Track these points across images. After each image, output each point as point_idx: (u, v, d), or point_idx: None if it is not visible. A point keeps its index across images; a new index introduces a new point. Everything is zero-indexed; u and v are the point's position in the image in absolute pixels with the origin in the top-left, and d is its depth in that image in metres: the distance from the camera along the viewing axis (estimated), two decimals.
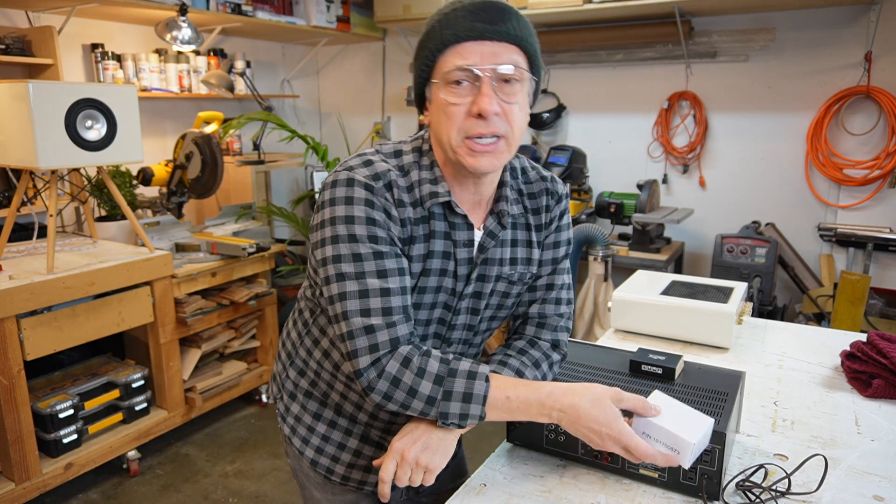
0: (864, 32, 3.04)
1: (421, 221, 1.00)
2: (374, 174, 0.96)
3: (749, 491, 0.95)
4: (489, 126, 0.92)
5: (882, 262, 3.15)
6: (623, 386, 1.08)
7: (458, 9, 0.93)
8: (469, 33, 0.91)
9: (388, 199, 0.97)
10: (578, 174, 3.60)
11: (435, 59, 0.94)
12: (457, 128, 0.94)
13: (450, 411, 0.93)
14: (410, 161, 1.02)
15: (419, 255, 1.01)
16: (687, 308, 1.55)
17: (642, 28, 3.44)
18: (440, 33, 0.93)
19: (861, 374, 1.32)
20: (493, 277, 1.07)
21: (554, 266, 1.15)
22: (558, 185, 1.14)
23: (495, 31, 0.91)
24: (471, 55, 0.91)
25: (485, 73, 0.91)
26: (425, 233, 1.01)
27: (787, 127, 3.30)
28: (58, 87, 2.25)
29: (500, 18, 0.92)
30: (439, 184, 1.00)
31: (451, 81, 0.93)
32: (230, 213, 3.50)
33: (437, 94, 0.95)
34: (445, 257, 1.03)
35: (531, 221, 1.11)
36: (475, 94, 0.92)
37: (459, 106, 0.93)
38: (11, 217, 2.43)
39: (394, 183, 0.98)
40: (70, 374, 2.70)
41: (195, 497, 2.57)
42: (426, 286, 1.02)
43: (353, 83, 4.68)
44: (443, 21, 0.93)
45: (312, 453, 1.17)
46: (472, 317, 1.09)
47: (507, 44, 0.92)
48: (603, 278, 3.21)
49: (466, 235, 1.03)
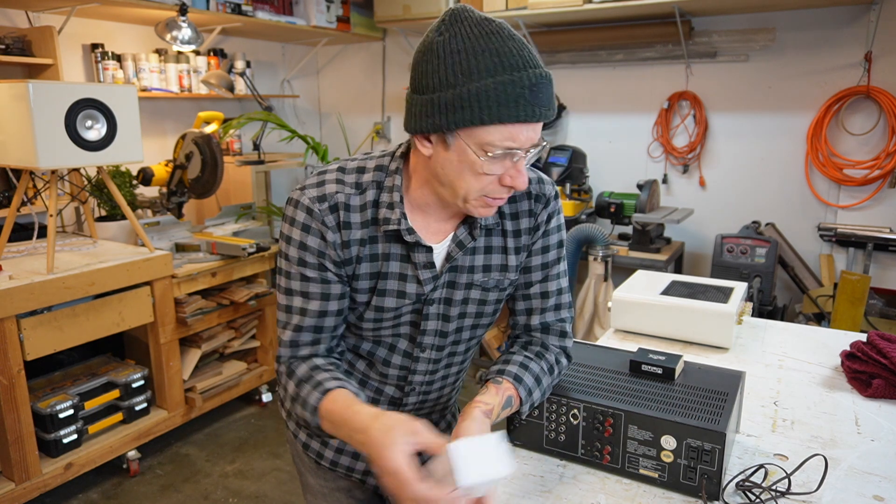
0: (864, 32, 3.04)
1: (370, 242, 1.00)
2: (322, 195, 0.99)
3: (749, 491, 0.95)
4: (511, 192, 0.96)
5: (882, 262, 3.15)
6: (623, 386, 1.09)
7: (516, 81, 0.85)
8: (528, 117, 0.87)
9: (328, 223, 0.98)
10: (578, 174, 3.60)
11: (478, 125, 0.88)
12: (481, 188, 0.93)
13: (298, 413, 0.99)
14: (370, 180, 1.01)
15: (367, 273, 1.01)
16: (687, 308, 1.55)
17: (642, 28, 3.44)
18: (494, 107, 0.86)
19: (861, 374, 1.32)
20: (462, 285, 1.06)
21: (546, 271, 1.12)
22: (545, 185, 1.10)
23: (545, 116, 0.89)
24: (520, 137, 0.89)
25: (525, 152, 0.91)
26: (374, 252, 1.01)
27: (787, 127, 3.30)
28: (58, 87, 2.25)
29: (550, 98, 0.89)
30: (394, 209, 0.99)
31: (489, 151, 0.89)
32: (230, 213, 3.50)
33: (463, 151, 0.90)
34: (402, 279, 1.02)
35: (508, 227, 1.08)
36: (509, 166, 0.92)
37: (493, 176, 0.92)
38: (11, 217, 2.43)
39: (340, 205, 0.99)
40: (70, 374, 2.70)
41: (195, 497, 2.57)
42: (383, 306, 1.03)
43: (353, 83, 4.68)
44: (499, 91, 0.85)
45: (304, 436, 1.20)
46: (443, 323, 1.08)
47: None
48: (603, 278, 3.21)
49: (425, 258, 1.02)
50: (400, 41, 4.36)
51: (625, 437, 1.00)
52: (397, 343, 1.09)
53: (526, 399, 1.03)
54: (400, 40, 4.35)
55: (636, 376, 1.13)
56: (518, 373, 1.04)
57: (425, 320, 1.06)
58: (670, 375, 1.11)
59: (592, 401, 1.03)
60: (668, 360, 1.13)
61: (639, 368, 1.13)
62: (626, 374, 1.14)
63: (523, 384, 1.03)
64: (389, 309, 1.04)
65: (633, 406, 1.01)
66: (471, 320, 1.10)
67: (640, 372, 1.13)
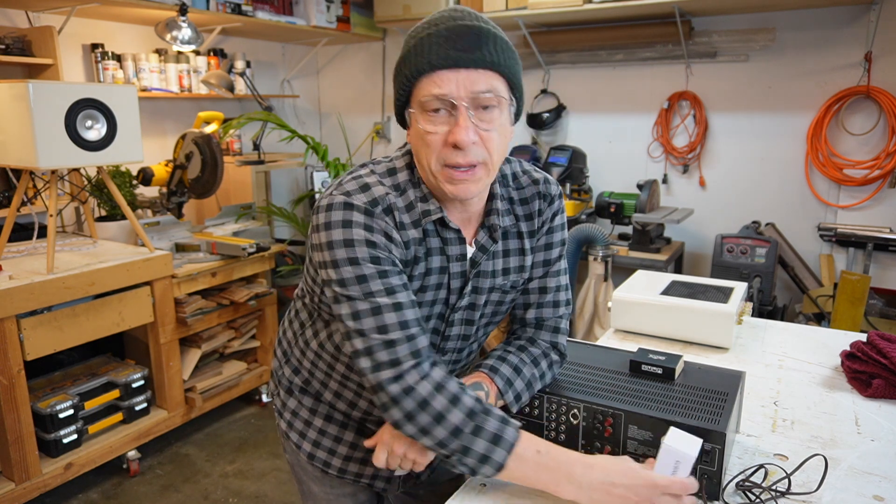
0: (864, 32, 3.04)
1: (421, 241, 1.00)
2: (373, 199, 0.94)
3: (749, 491, 0.95)
4: (466, 156, 0.91)
5: (882, 262, 3.15)
6: (623, 386, 1.08)
7: (432, 34, 0.90)
8: (444, 62, 0.88)
9: (389, 223, 0.95)
10: (578, 174, 3.60)
11: (411, 86, 0.92)
12: (435, 156, 0.92)
13: (473, 447, 0.89)
14: (405, 179, 1.00)
15: (418, 273, 1.00)
16: (687, 308, 1.55)
17: (642, 28, 3.44)
18: (416, 60, 0.90)
19: (861, 374, 1.32)
20: (486, 290, 1.07)
21: (546, 268, 1.13)
22: (551, 185, 1.11)
23: (470, 60, 0.88)
24: (446, 84, 0.88)
25: (461, 102, 0.89)
26: (425, 251, 1.01)
27: (787, 127, 3.30)
28: (58, 87, 2.25)
29: (478, 45, 0.88)
30: (429, 201, 0.99)
31: (428, 110, 0.90)
32: (230, 213, 3.50)
33: (415, 121, 0.93)
34: (441, 273, 1.02)
35: (523, 229, 1.09)
36: (452, 123, 0.90)
37: (437, 135, 0.91)
38: (11, 217, 2.43)
39: (393, 206, 0.96)
40: (70, 374, 2.70)
41: (195, 497, 2.57)
42: (423, 301, 1.03)
43: (353, 83, 4.68)
44: (418, 46, 0.90)
45: (310, 447, 1.19)
46: (466, 327, 1.09)
47: (484, 70, 0.89)
48: (603, 278, 3.21)
49: (459, 250, 1.02)
50: (400, 41, 4.36)
51: (625, 437, 1.00)
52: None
53: (505, 389, 1.03)
54: (400, 40, 4.35)
55: (636, 376, 1.12)
56: (494, 364, 1.05)
57: (450, 327, 1.07)
58: (670, 375, 1.11)
59: (592, 401, 1.03)
60: (668, 360, 1.13)
61: (639, 368, 1.13)
62: (626, 374, 1.14)
63: (500, 374, 1.04)
64: (427, 304, 1.03)
65: (633, 406, 1.01)
66: (486, 319, 1.13)
67: (640, 372, 1.13)
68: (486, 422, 0.90)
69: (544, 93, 3.91)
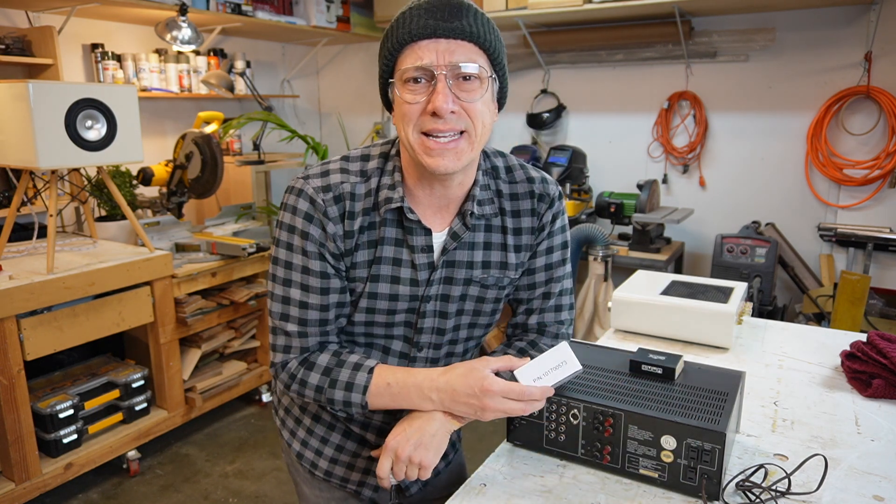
0: (864, 32, 3.04)
1: (368, 228, 1.00)
2: (326, 185, 0.98)
3: (749, 491, 0.95)
4: (447, 123, 0.91)
5: (882, 262, 3.15)
6: (623, 386, 1.09)
7: (413, 7, 0.92)
8: (423, 31, 0.89)
9: (330, 214, 0.98)
10: (578, 174, 3.60)
11: (394, 59, 0.93)
12: (413, 125, 0.93)
13: (335, 398, 0.99)
14: (374, 167, 1.02)
15: (363, 261, 1.01)
16: (687, 308, 1.55)
17: (642, 28, 3.44)
18: (397, 32, 0.92)
19: (861, 374, 1.32)
20: (461, 280, 1.05)
21: (549, 273, 1.12)
22: (549, 186, 1.09)
23: (450, 29, 0.89)
24: (426, 54, 0.90)
25: (439, 69, 0.89)
26: (371, 239, 1.01)
27: (787, 127, 3.30)
28: (58, 87, 2.25)
29: (456, 15, 0.90)
30: (395, 189, 0.99)
31: (407, 80, 0.92)
32: (230, 213, 3.50)
33: (396, 94, 0.94)
34: (396, 264, 1.01)
35: (508, 224, 1.07)
36: (431, 92, 0.91)
37: (416, 105, 0.92)
38: (11, 217, 2.43)
39: (345, 195, 0.98)
40: (70, 374, 2.70)
41: (195, 497, 2.57)
42: (377, 292, 1.02)
43: (353, 83, 4.68)
44: (399, 20, 0.92)
45: (298, 446, 1.19)
46: (440, 320, 1.07)
47: (463, 41, 0.90)
48: (603, 278, 3.21)
49: (423, 241, 1.01)
50: None
51: (625, 437, 1.00)
52: (391, 345, 1.08)
53: None
54: None
55: (636, 376, 1.12)
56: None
57: (422, 318, 1.06)
58: (670, 375, 1.11)
59: (592, 401, 1.03)
60: (668, 360, 1.13)
61: (639, 368, 1.13)
62: (626, 374, 1.13)
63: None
64: (383, 296, 1.02)
65: (633, 406, 1.01)
66: (468, 318, 1.10)
67: (640, 372, 1.13)
68: (339, 374, 0.99)
69: (544, 93, 3.91)
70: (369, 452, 1.16)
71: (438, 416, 0.99)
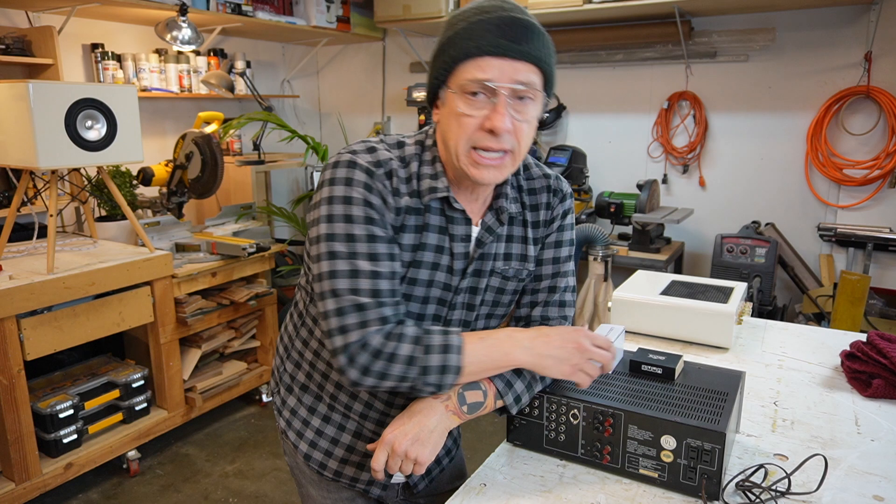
0: (864, 32, 3.04)
1: (414, 212, 1.01)
2: (377, 161, 0.98)
3: (749, 491, 0.95)
4: (499, 142, 0.94)
5: (882, 262, 3.15)
6: (623, 386, 1.09)
7: (484, 20, 0.92)
8: (493, 49, 0.91)
9: (386, 186, 0.98)
10: (578, 174, 3.60)
11: (454, 67, 0.94)
12: (466, 138, 0.95)
13: (430, 364, 0.94)
14: (412, 153, 1.03)
15: (408, 244, 1.02)
16: (687, 308, 1.55)
17: (642, 28, 3.44)
18: (463, 43, 0.93)
19: (861, 374, 1.32)
20: (487, 272, 1.08)
21: (556, 266, 1.15)
22: (563, 183, 1.15)
23: (518, 51, 0.92)
24: (491, 70, 0.91)
25: (502, 89, 0.92)
26: (418, 224, 1.02)
27: (787, 127, 3.30)
28: (58, 87, 2.25)
29: (525, 38, 0.92)
30: (439, 179, 1.01)
31: (467, 92, 0.93)
32: (230, 213, 3.50)
33: (451, 101, 0.95)
34: (438, 251, 1.03)
35: (528, 218, 1.12)
36: (490, 108, 0.93)
37: (473, 118, 0.94)
38: (11, 217, 2.43)
39: (394, 172, 0.99)
40: (70, 374, 2.70)
41: (195, 497, 2.57)
42: (416, 278, 1.03)
43: (353, 83, 4.68)
44: (468, 30, 0.93)
45: (306, 447, 1.18)
46: (467, 312, 1.10)
47: (526, 63, 0.93)
48: (603, 278, 3.21)
49: (464, 230, 1.04)
50: (400, 41, 4.36)
51: (625, 437, 1.00)
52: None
53: (505, 390, 1.03)
54: (400, 40, 4.35)
55: (636, 376, 1.13)
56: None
57: (452, 310, 1.08)
58: (670, 375, 1.11)
59: (592, 401, 1.03)
60: (668, 360, 1.13)
61: (639, 368, 1.13)
62: (626, 374, 1.14)
63: (499, 375, 1.03)
64: (422, 282, 1.03)
65: (633, 406, 1.01)
66: (487, 308, 1.12)
67: (640, 372, 1.13)
68: (431, 338, 0.95)
69: None
70: None
71: (438, 411, 0.99)
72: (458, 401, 1.00)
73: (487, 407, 1.03)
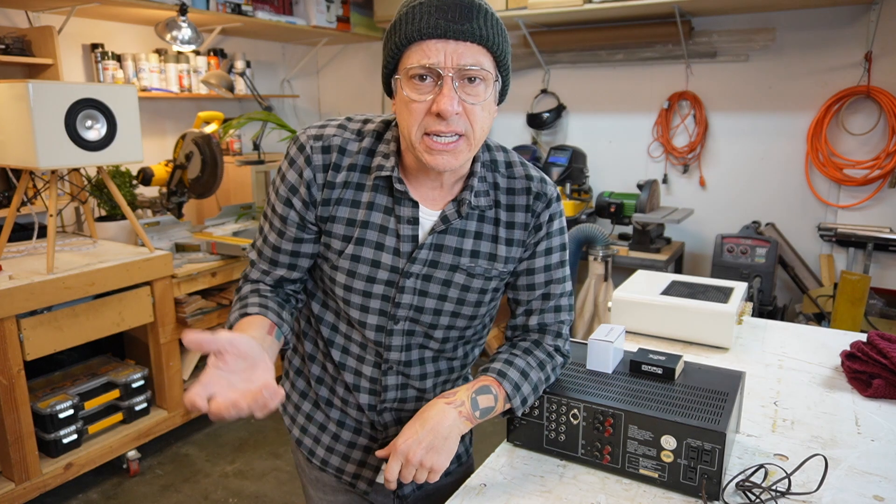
0: (864, 32, 3.04)
1: (355, 188, 1.03)
2: (318, 135, 1.03)
3: (749, 491, 0.95)
4: (449, 125, 0.92)
5: (882, 262, 3.15)
6: (623, 386, 1.09)
7: (423, 3, 0.91)
8: (433, 31, 0.89)
9: (313, 161, 1.01)
10: (578, 174, 3.60)
11: (399, 53, 0.93)
12: (417, 124, 0.93)
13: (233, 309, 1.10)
14: (371, 129, 1.05)
15: (342, 217, 1.03)
16: (687, 308, 1.55)
17: (642, 28, 3.44)
18: (405, 27, 0.91)
19: (861, 374, 1.32)
20: (447, 266, 1.05)
21: (549, 274, 1.11)
22: (548, 186, 1.09)
23: (459, 31, 0.89)
24: (434, 53, 0.89)
25: (446, 71, 0.90)
26: (356, 199, 1.03)
27: (787, 127, 3.30)
28: (58, 87, 2.25)
29: (467, 17, 0.89)
30: (389, 158, 1.01)
31: (413, 77, 0.92)
32: (230, 213, 3.50)
33: (400, 89, 0.94)
34: (382, 231, 1.03)
35: (502, 217, 1.07)
36: (437, 92, 0.91)
37: (420, 103, 0.92)
38: (11, 217, 2.43)
39: (334, 147, 1.02)
40: (70, 374, 2.70)
41: (195, 497, 2.57)
42: (360, 255, 1.03)
43: (353, 83, 4.68)
44: (408, 15, 0.92)
45: (298, 432, 1.21)
46: (419, 297, 1.06)
47: (472, 44, 0.90)
48: (603, 278, 3.21)
49: (410, 212, 1.02)
50: None
51: (625, 437, 1.00)
52: (366, 319, 1.07)
53: (513, 394, 1.02)
54: None
55: (636, 376, 1.13)
56: (501, 368, 1.05)
57: (401, 293, 1.05)
58: (670, 375, 1.11)
59: (592, 401, 1.03)
60: (668, 360, 1.13)
61: (639, 368, 1.13)
62: (626, 374, 1.14)
63: (507, 378, 1.03)
64: (366, 261, 1.03)
65: (633, 406, 1.01)
66: (451, 306, 1.08)
67: (640, 372, 1.13)
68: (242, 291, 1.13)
69: (544, 93, 3.91)
70: (364, 444, 1.17)
71: (451, 417, 0.98)
72: (472, 406, 1.00)
73: (497, 410, 1.03)
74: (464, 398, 1.00)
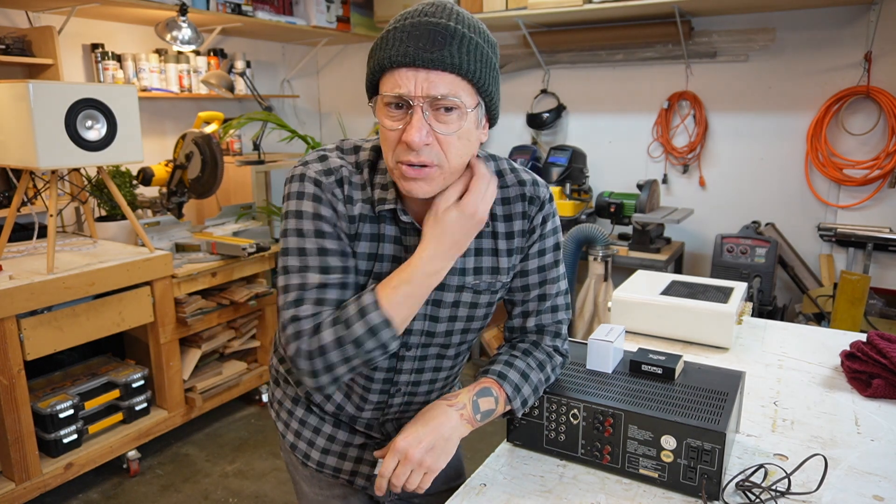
0: (864, 32, 3.04)
1: (369, 220, 1.00)
2: (327, 169, 0.97)
3: (749, 491, 0.95)
4: (419, 156, 0.89)
5: (882, 262, 3.15)
6: (623, 386, 1.09)
7: (398, 28, 0.88)
8: (402, 59, 0.86)
9: (336, 196, 0.96)
10: (578, 174, 3.60)
11: (376, 79, 0.91)
12: (391, 151, 0.91)
13: (358, 334, 0.91)
14: (366, 159, 1.01)
15: (365, 253, 1.00)
16: (687, 308, 1.55)
17: (642, 28, 3.44)
18: (379, 54, 0.89)
19: (861, 374, 1.32)
20: (453, 287, 1.04)
21: (543, 275, 1.11)
22: (540, 188, 1.07)
23: (429, 60, 0.85)
24: (404, 82, 0.86)
25: (416, 101, 0.87)
26: (374, 232, 1.00)
27: (787, 127, 3.30)
28: (58, 87, 2.25)
29: (439, 44, 0.86)
30: (388, 190, 0.99)
31: (387, 104, 0.90)
32: (230, 213, 3.50)
33: (378, 114, 0.92)
34: (395, 262, 1.01)
35: (500, 229, 1.06)
36: (407, 121, 0.88)
37: (393, 131, 0.90)
38: (11, 217, 2.43)
39: (345, 179, 0.98)
40: (70, 374, 2.70)
41: (195, 497, 2.57)
42: None
43: (353, 83, 4.68)
44: (384, 40, 0.89)
45: (292, 437, 1.20)
46: (430, 323, 1.06)
47: (444, 73, 0.86)
48: (603, 278, 3.21)
49: (416, 241, 1.00)
50: None
51: (625, 437, 1.00)
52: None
53: (513, 395, 1.02)
54: None
55: (636, 376, 1.13)
56: (502, 370, 1.05)
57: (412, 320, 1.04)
58: (670, 375, 1.11)
59: (592, 401, 1.03)
60: (668, 360, 1.13)
61: (639, 368, 1.13)
62: (625, 374, 1.14)
63: (508, 380, 1.03)
64: None
65: (633, 406, 1.01)
66: (462, 324, 1.09)
67: (640, 372, 1.13)
68: (346, 311, 0.92)
69: (544, 93, 3.91)
70: (360, 442, 1.17)
71: (454, 419, 0.98)
72: (473, 409, 1.00)
73: (497, 412, 1.03)
74: (465, 401, 1.00)
